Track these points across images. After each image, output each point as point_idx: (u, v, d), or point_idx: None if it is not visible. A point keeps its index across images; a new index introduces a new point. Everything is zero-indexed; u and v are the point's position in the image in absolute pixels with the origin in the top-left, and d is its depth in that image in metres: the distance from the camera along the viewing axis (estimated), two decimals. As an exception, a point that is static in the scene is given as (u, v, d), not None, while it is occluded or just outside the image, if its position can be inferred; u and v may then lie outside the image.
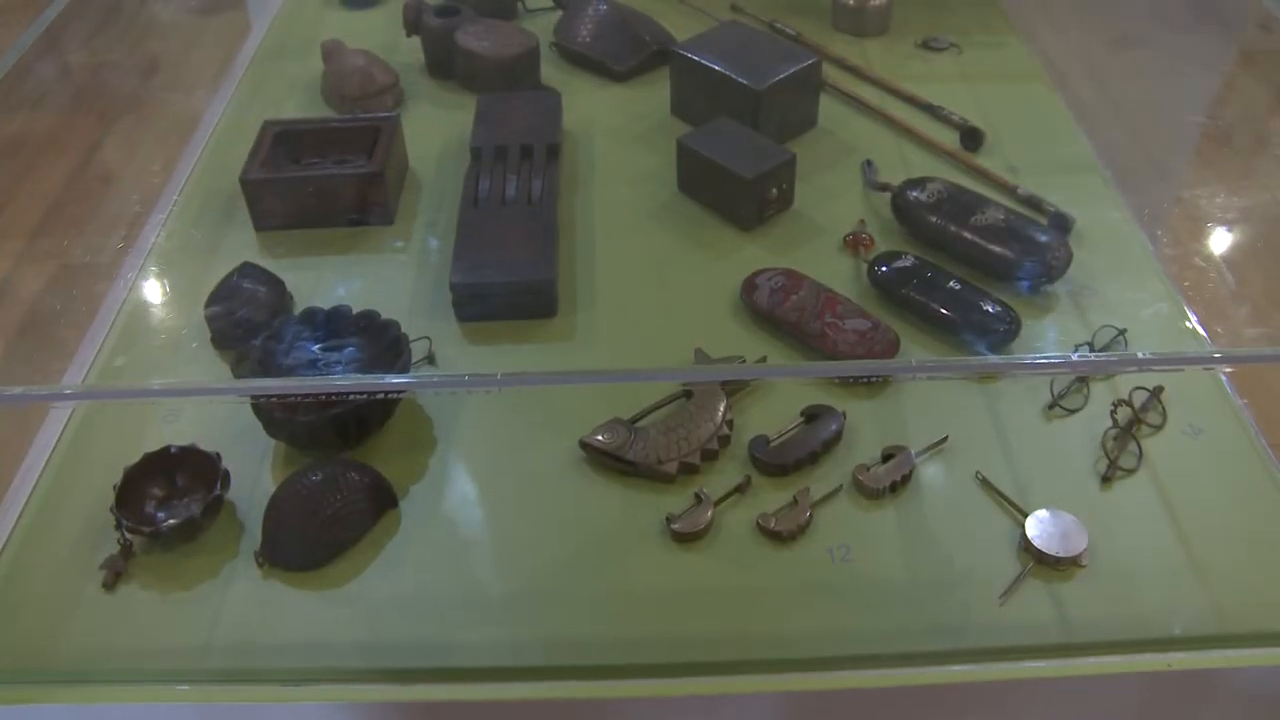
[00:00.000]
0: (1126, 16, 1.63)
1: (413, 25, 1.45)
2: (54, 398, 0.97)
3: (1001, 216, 1.12)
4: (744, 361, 1.01)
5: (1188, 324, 1.08)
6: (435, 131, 1.37)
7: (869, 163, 1.27)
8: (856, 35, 1.52)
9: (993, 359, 1.05)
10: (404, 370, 0.98)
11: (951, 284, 1.06)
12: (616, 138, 1.35)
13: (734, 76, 1.25)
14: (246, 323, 1.07)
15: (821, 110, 1.34)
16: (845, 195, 1.24)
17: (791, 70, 1.27)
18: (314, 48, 1.54)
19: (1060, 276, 1.10)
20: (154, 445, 0.94)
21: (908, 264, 1.09)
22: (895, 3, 1.53)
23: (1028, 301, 1.09)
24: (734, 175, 1.15)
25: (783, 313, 1.05)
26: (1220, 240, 1.39)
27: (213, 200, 1.26)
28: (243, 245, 1.20)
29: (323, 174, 1.19)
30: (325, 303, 1.10)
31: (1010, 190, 1.22)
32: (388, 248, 1.20)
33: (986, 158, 1.29)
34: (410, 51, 1.49)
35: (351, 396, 0.92)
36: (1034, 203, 1.20)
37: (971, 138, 1.29)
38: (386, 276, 1.16)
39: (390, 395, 0.97)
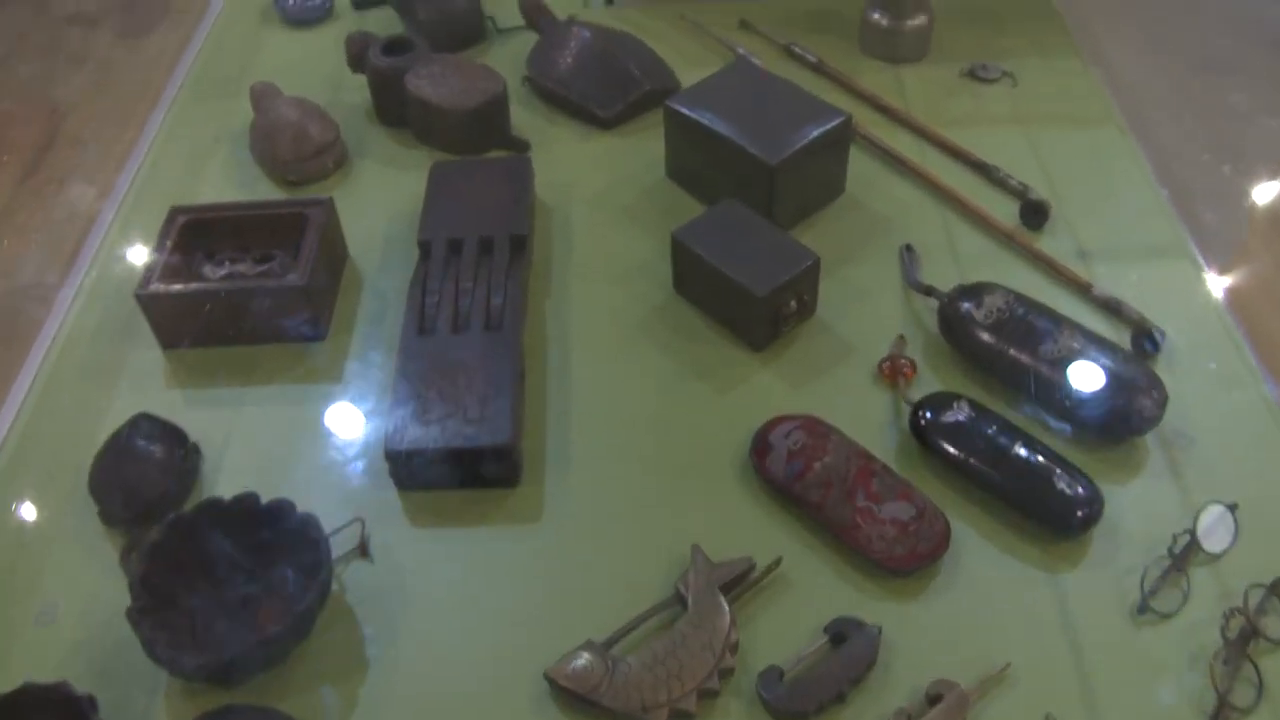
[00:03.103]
0: (1213, 33, 1.35)
1: (356, 62, 1.21)
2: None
3: (1077, 346, 0.89)
4: (753, 567, 0.80)
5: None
6: (382, 198, 1.14)
7: (909, 249, 1.04)
8: (890, 61, 1.27)
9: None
10: (323, 589, 0.78)
11: (1018, 449, 0.84)
12: (600, 209, 1.11)
13: (743, 145, 1.01)
14: (138, 498, 0.87)
15: (850, 167, 1.10)
16: (880, 294, 1.01)
17: (813, 135, 1.02)
18: (247, 77, 1.30)
19: (1152, 429, 0.87)
20: (14, 668, 0.75)
21: (961, 418, 0.86)
22: (935, 20, 1.27)
23: (1105, 455, 0.88)
24: (742, 289, 0.92)
25: (803, 489, 0.83)
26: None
27: (115, 307, 1.04)
28: (146, 369, 0.99)
29: (236, 287, 0.97)
30: (239, 460, 0.91)
31: (1084, 289, 0.99)
32: (318, 373, 0.98)
33: (1051, 236, 1.06)
34: (358, 87, 1.25)
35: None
36: (1113, 308, 0.97)
37: (1034, 213, 1.06)
38: (316, 415, 0.95)
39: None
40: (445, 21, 1.29)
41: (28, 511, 0.91)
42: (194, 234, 1.03)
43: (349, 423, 0.94)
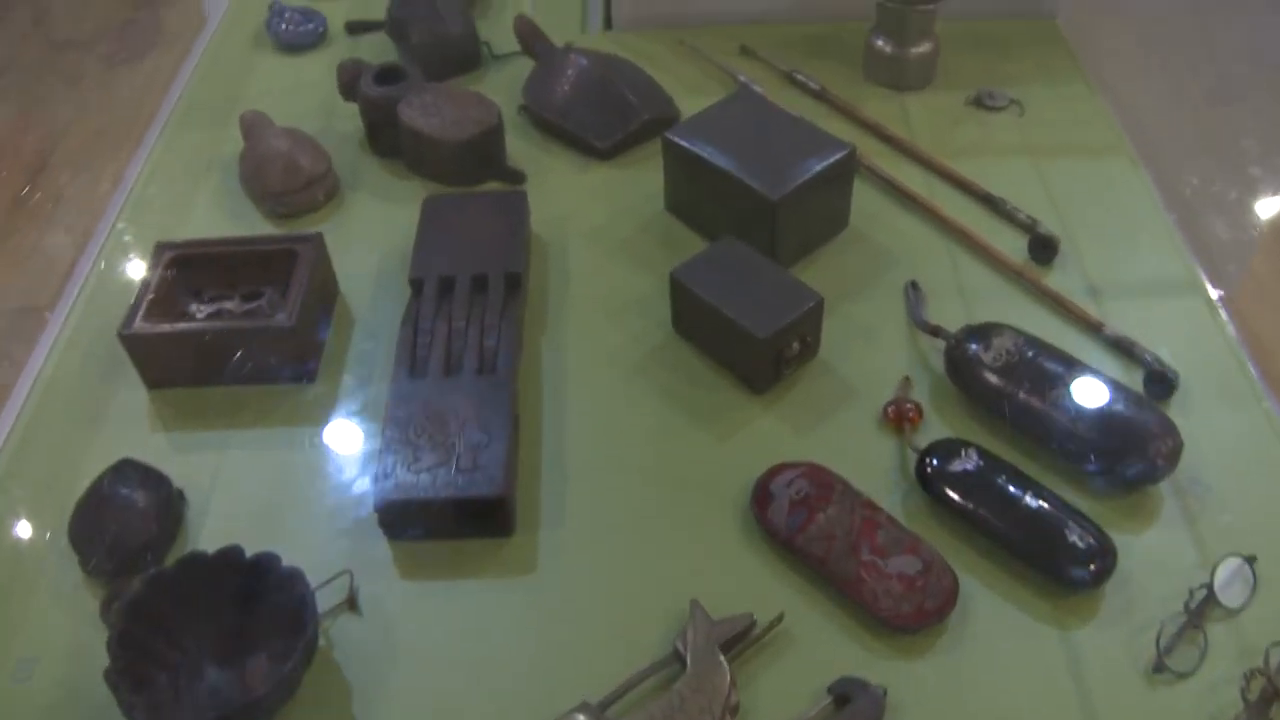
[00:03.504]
0: (1222, 60, 1.33)
1: (348, 90, 1.18)
2: None
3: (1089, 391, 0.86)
4: (754, 624, 0.77)
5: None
6: (375, 231, 1.11)
7: (914, 286, 1.01)
8: (894, 89, 1.24)
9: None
10: (309, 648, 0.75)
11: (1028, 500, 0.82)
12: (597, 243, 1.08)
13: (743, 180, 0.99)
14: (120, 547, 0.84)
15: (854, 199, 1.07)
16: (884, 333, 0.98)
17: (817, 169, 1.00)
18: (238, 103, 1.28)
19: (1166, 477, 0.85)
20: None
21: (970, 466, 0.84)
22: (941, 47, 1.24)
23: (1117, 504, 0.85)
24: (743, 331, 0.90)
25: (806, 542, 0.81)
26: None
27: (101, 344, 1.01)
28: (132, 410, 0.96)
29: (222, 328, 0.94)
30: (225, 506, 0.89)
31: (1094, 328, 0.96)
32: (307, 415, 0.95)
33: (1060, 271, 1.03)
34: (351, 115, 1.22)
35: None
36: (1125, 348, 0.94)
37: (1043, 248, 1.03)
38: (305, 459, 0.92)
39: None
40: (439, 47, 1.27)
41: (6, 559, 0.88)
42: (180, 270, 1.00)
43: (338, 468, 0.91)
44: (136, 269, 1.00)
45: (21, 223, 1.25)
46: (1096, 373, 0.88)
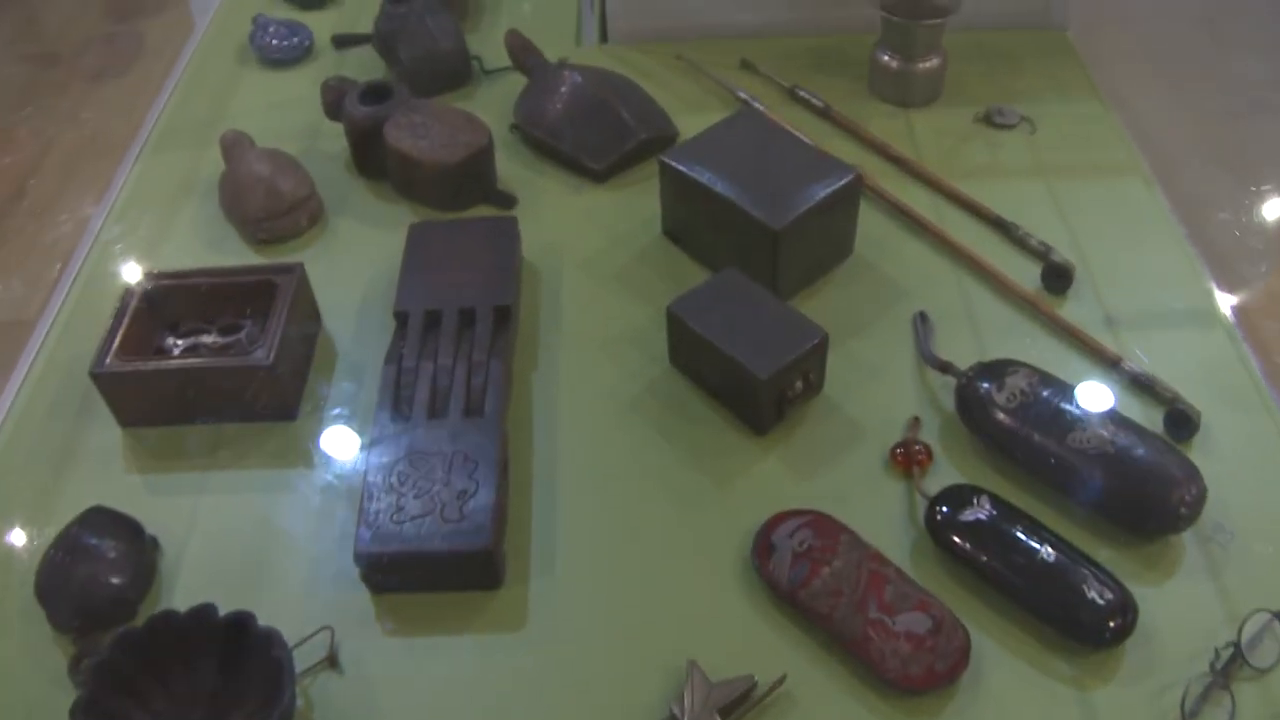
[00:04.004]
0: (1241, 72, 1.28)
1: (332, 109, 1.14)
2: None
3: (1106, 434, 0.82)
4: (755, 686, 0.73)
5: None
6: (360, 258, 1.07)
7: (922, 318, 0.96)
8: (901, 105, 1.20)
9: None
10: (286, 714, 0.71)
11: (1044, 552, 0.77)
12: (591, 271, 1.04)
13: (744, 208, 0.94)
14: (89, 602, 0.80)
15: (859, 223, 1.03)
16: (891, 368, 0.94)
17: (821, 195, 0.95)
18: (221, 121, 1.24)
19: (1189, 527, 0.80)
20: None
21: (982, 516, 0.79)
22: (948, 60, 1.20)
23: (1137, 553, 0.80)
24: (743, 370, 0.85)
25: (809, 598, 0.76)
26: None
27: (72, 379, 0.97)
28: (105, 450, 0.92)
29: (197, 366, 0.90)
30: (200, 555, 0.85)
31: (1112, 363, 0.92)
32: (287, 456, 0.91)
33: (1075, 301, 0.98)
34: (337, 134, 1.17)
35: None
36: (1144, 384, 0.90)
37: (1057, 277, 0.98)
38: (284, 504, 0.88)
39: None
40: (429, 62, 1.22)
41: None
42: (155, 302, 0.96)
43: (319, 513, 0.87)
44: (111, 300, 0.95)
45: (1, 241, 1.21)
46: (1114, 414, 0.84)
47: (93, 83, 1.46)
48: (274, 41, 1.31)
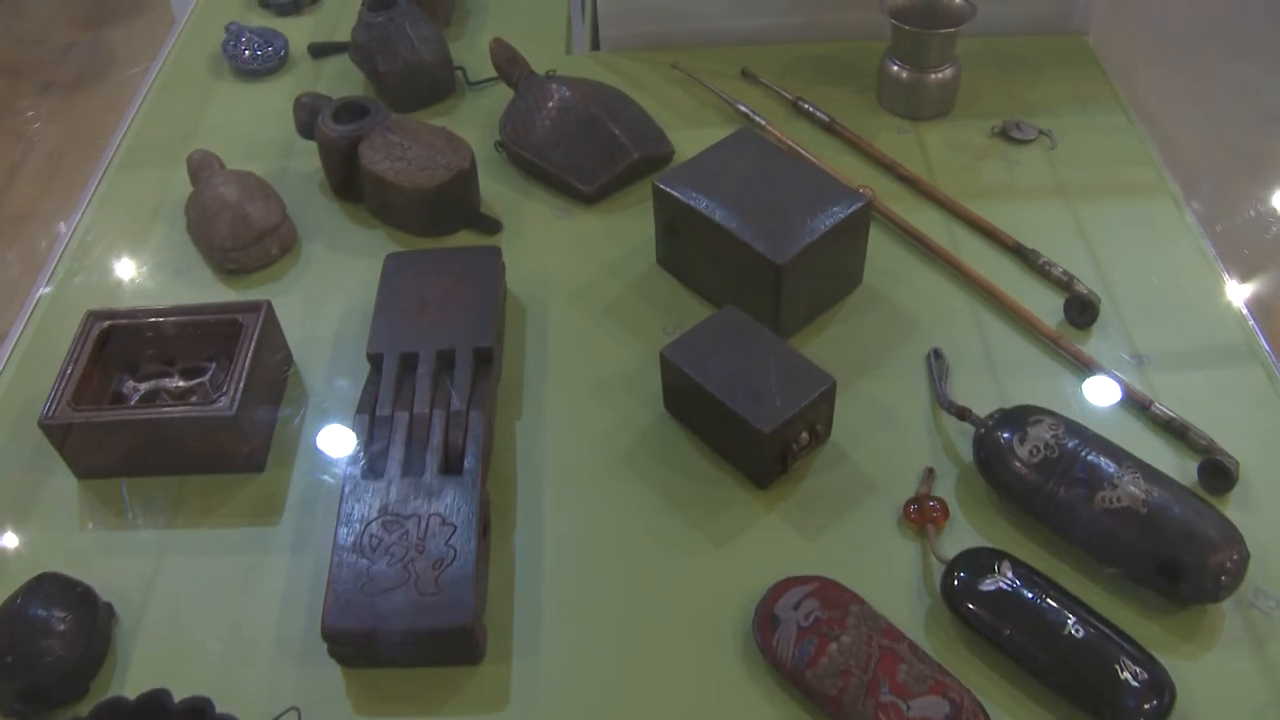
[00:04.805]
0: (1270, 79, 1.20)
1: (305, 128, 1.07)
2: None
3: (1139, 492, 0.75)
4: (758, 784, 0.67)
5: None
6: (334, 289, 1.00)
7: (936, 355, 0.90)
8: (911, 118, 1.12)
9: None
10: (241, 818, 0.65)
11: (1071, 626, 0.71)
12: (580, 304, 0.97)
13: (744, 239, 0.87)
14: (37, 681, 0.74)
15: (868, 251, 0.96)
16: (904, 412, 0.87)
17: (827, 226, 0.88)
18: (191, 137, 1.18)
19: (1229, 596, 0.74)
20: None
21: (1005, 585, 0.73)
22: (962, 68, 1.12)
23: (1173, 622, 0.74)
24: (745, 423, 0.79)
25: (816, 680, 0.70)
26: None
27: (24, 426, 0.90)
28: (60, 504, 0.86)
29: (154, 417, 0.83)
30: (158, 623, 0.79)
31: (1141, 406, 0.85)
32: (254, 512, 0.85)
33: (1101, 336, 0.92)
34: (312, 152, 1.10)
35: None
36: (1177, 431, 0.83)
37: (1080, 311, 0.92)
38: (249, 566, 0.81)
39: None
40: (409, 75, 1.15)
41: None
42: (113, 343, 0.89)
43: (286, 576, 0.80)
44: (69, 336, 0.89)
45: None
46: (1147, 468, 0.77)
47: (60, 94, 1.39)
48: (247, 52, 1.23)
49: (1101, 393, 0.87)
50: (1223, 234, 1.00)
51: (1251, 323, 0.92)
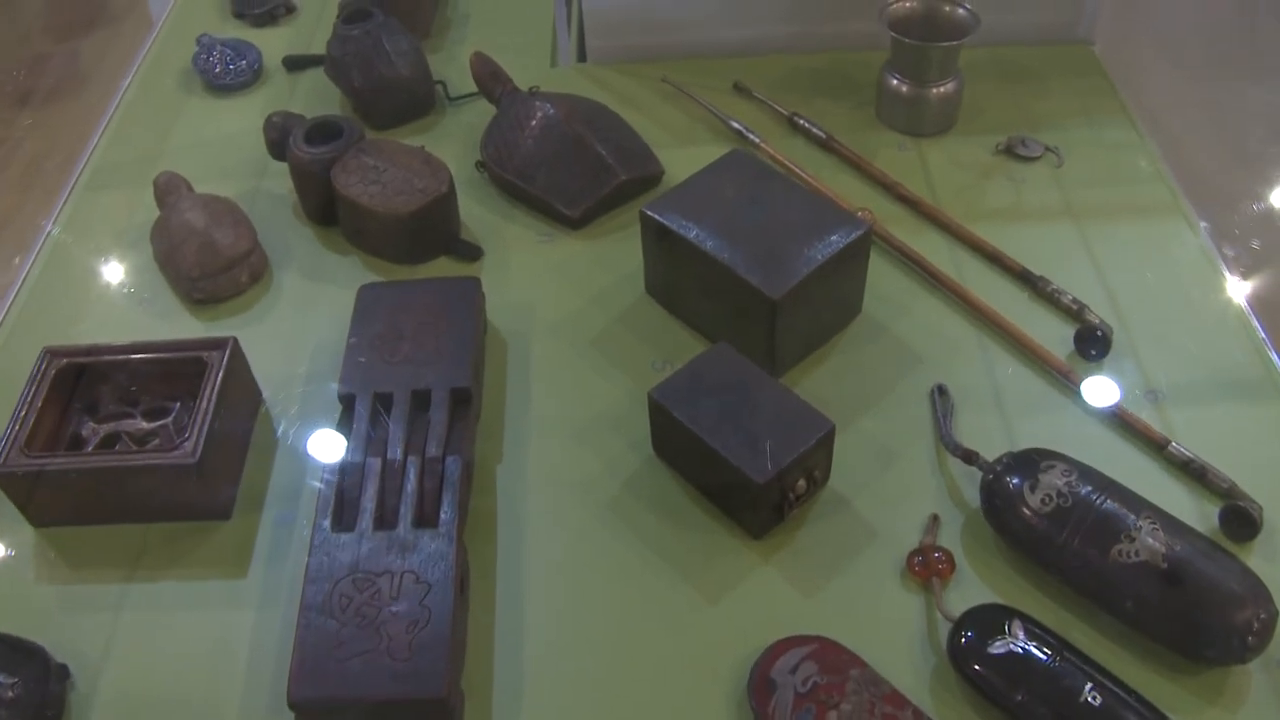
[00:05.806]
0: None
1: (276, 149, 1.02)
2: None
3: (1158, 545, 0.71)
4: None
5: None
6: (307, 319, 0.95)
7: (940, 391, 0.85)
8: (912, 134, 1.07)
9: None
10: None
11: (1087, 691, 0.66)
12: (565, 337, 0.92)
13: (737, 271, 0.83)
14: (-20, 754, 0.69)
15: (868, 278, 0.91)
16: (907, 454, 0.82)
17: (825, 256, 0.83)
18: (159, 157, 1.13)
19: (1258, 655, 0.69)
20: None
21: (1015, 648, 0.68)
22: (965, 86, 1.07)
23: (1195, 683, 0.69)
24: (738, 472, 0.74)
25: (816, 753, 0.65)
26: None
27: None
28: (13, 554, 0.81)
29: (112, 465, 0.79)
30: (116, 686, 0.74)
31: (1157, 446, 0.81)
32: (218, 564, 0.80)
33: (1114, 370, 0.87)
34: (285, 173, 1.05)
35: None
36: (1195, 473, 0.79)
37: (1092, 344, 0.87)
38: (212, 623, 0.76)
39: None
40: (385, 91, 1.10)
41: None
42: (72, 381, 0.85)
43: (252, 633, 0.75)
44: (24, 375, 0.84)
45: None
46: (1165, 516, 0.73)
47: (28, 108, 1.34)
48: (219, 66, 1.18)
49: (1114, 431, 0.83)
50: (1238, 258, 0.95)
51: (1272, 354, 0.87)
